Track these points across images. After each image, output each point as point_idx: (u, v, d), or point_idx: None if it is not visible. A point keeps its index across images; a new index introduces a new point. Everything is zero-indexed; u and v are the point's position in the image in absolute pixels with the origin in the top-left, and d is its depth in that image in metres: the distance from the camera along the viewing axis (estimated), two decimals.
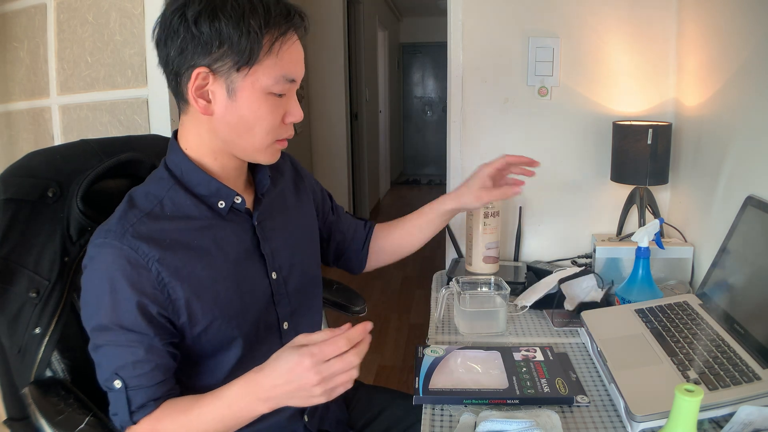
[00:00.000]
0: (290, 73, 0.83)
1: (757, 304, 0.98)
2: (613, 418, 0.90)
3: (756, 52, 1.16)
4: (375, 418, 1.13)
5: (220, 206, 0.89)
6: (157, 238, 0.82)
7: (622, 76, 1.60)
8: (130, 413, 0.80)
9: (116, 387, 0.80)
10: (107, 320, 0.79)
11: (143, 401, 0.80)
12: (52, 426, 0.85)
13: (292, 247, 1.00)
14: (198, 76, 0.80)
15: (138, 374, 0.80)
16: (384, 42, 6.65)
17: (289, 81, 0.84)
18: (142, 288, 0.80)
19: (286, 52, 0.82)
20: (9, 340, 0.93)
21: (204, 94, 0.82)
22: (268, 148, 0.87)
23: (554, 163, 1.67)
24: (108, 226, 0.82)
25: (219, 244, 0.88)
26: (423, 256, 4.54)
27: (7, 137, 1.99)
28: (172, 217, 0.85)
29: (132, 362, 0.80)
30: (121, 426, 0.81)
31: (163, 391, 0.82)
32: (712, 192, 1.34)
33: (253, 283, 0.92)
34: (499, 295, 1.23)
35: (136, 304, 0.79)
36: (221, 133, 0.85)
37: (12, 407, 0.96)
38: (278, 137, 0.87)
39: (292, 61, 0.84)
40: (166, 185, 0.88)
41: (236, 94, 0.81)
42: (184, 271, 0.83)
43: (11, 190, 0.94)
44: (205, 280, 0.86)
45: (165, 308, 0.82)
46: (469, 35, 1.63)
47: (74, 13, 1.76)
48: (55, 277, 0.94)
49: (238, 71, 0.80)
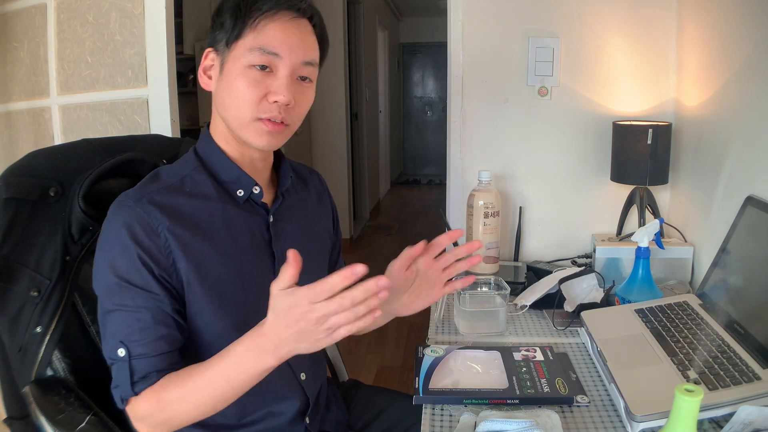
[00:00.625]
0: (267, 44, 0.84)
1: (757, 304, 0.98)
2: (613, 418, 0.90)
3: (756, 52, 1.16)
4: (375, 419, 1.13)
5: (238, 194, 0.91)
6: (171, 209, 0.85)
7: (622, 76, 1.60)
8: (132, 383, 0.79)
9: (120, 356, 0.79)
10: (117, 277, 0.81)
11: (146, 371, 0.80)
12: (53, 425, 0.85)
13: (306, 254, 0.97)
14: (207, 56, 0.90)
15: (143, 342, 0.80)
16: (384, 42, 6.65)
17: (266, 53, 0.84)
18: (150, 250, 0.82)
19: (269, 26, 0.85)
20: (10, 339, 0.93)
21: (209, 73, 0.91)
22: (249, 125, 0.87)
23: (554, 163, 1.67)
24: (127, 191, 0.86)
25: (230, 230, 0.89)
26: None
27: (7, 137, 1.99)
28: (190, 194, 0.88)
29: (138, 329, 0.80)
30: (121, 398, 0.80)
31: (167, 363, 0.81)
32: (712, 192, 1.34)
33: (257, 277, 0.91)
34: (499, 295, 1.23)
35: (143, 262, 0.81)
36: (218, 109, 0.90)
37: (12, 406, 0.96)
38: (259, 115, 0.86)
39: (276, 36, 0.85)
40: (191, 165, 0.92)
41: (224, 67, 0.87)
42: (191, 247, 0.85)
43: (12, 190, 0.94)
44: (209, 261, 0.86)
45: (170, 275, 0.84)
46: (469, 35, 1.63)
47: (74, 13, 1.76)
48: (56, 277, 0.94)
49: (228, 47, 0.86)
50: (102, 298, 0.83)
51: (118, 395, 0.81)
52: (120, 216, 0.83)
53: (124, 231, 0.82)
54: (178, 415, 0.80)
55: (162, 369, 0.81)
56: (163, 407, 0.79)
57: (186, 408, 0.79)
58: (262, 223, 0.94)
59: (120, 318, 0.81)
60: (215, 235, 0.88)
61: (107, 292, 0.82)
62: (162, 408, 0.79)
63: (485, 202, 1.45)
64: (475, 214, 1.46)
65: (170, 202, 0.86)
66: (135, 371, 0.80)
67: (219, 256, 0.88)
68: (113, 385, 0.81)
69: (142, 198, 0.84)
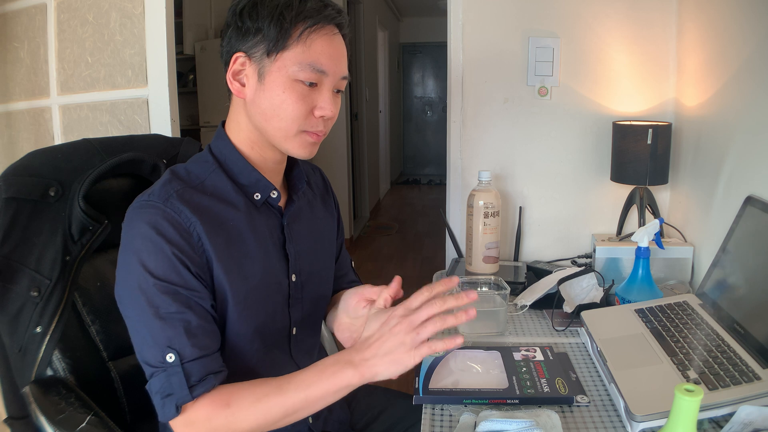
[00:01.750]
0: (317, 62, 0.84)
1: (756, 304, 0.98)
2: (613, 418, 0.90)
3: (756, 52, 1.17)
4: (376, 419, 1.13)
5: (256, 198, 0.91)
6: (201, 208, 0.84)
7: (622, 76, 1.60)
8: (190, 388, 0.75)
9: (169, 361, 0.75)
10: (154, 278, 0.77)
11: (203, 374, 0.77)
12: (53, 425, 0.85)
13: (313, 254, 1.00)
14: (236, 60, 0.86)
15: (193, 343, 0.77)
16: (384, 42, 6.65)
17: (316, 71, 0.84)
18: (183, 248, 0.80)
19: (317, 42, 0.84)
20: (10, 338, 0.93)
21: (240, 78, 0.87)
22: (295, 137, 0.87)
23: (554, 163, 1.67)
24: (150, 191, 0.84)
25: (253, 232, 0.89)
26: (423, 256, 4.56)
27: (7, 137, 1.99)
28: (213, 195, 0.87)
29: (184, 329, 0.77)
30: (177, 406, 0.75)
31: (219, 364, 0.79)
32: (712, 192, 1.34)
33: (277, 278, 0.93)
34: (499, 295, 1.23)
35: (179, 260, 0.79)
36: (254, 118, 0.88)
37: (12, 406, 0.96)
38: (305, 128, 0.87)
39: (323, 52, 0.84)
40: (210, 168, 0.90)
41: (265, 78, 0.84)
42: (220, 246, 0.84)
43: (13, 189, 0.94)
44: (237, 261, 0.86)
45: (203, 271, 0.82)
46: (469, 35, 1.63)
47: (74, 13, 1.76)
48: (56, 276, 0.94)
49: (269, 56, 0.83)
50: (134, 304, 0.78)
51: (173, 403, 0.75)
52: (147, 216, 0.80)
53: (152, 231, 0.79)
54: (241, 424, 0.76)
55: (216, 371, 0.79)
56: (230, 412, 0.76)
57: (252, 415, 0.76)
58: (276, 225, 0.94)
59: (161, 322, 0.77)
60: (240, 236, 0.88)
61: (141, 294, 0.78)
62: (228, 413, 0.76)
63: (485, 202, 1.45)
64: (475, 214, 1.46)
65: (198, 201, 0.85)
66: (191, 375, 0.76)
67: (245, 258, 0.87)
68: (163, 395, 0.76)
69: (169, 197, 0.82)
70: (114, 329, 1.00)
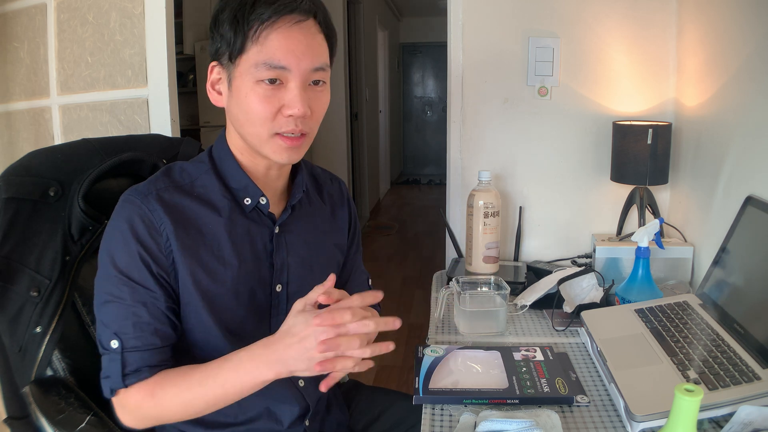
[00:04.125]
0: (274, 58, 0.81)
1: (756, 304, 0.98)
2: (613, 418, 0.90)
3: (756, 53, 1.16)
4: (376, 420, 1.13)
5: (246, 203, 0.91)
6: (176, 209, 0.86)
7: (622, 76, 1.60)
8: (123, 375, 0.81)
9: (113, 347, 0.81)
10: (117, 270, 0.82)
11: (138, 366, 0.81)
12: (53, 425, 0.86)
13: (307, 267, 0.98)
14: (212, 70, 0.88)
15: (137, 335, 0.81)
16: (384, 42, 6.65)
17: (273, 67, 0.81)
18: (149, 248, 0.83)
19: (271, 38, 0.81)
20: (10, 339, 0.93)
21: (218, 88, 0.89)
22: (269, 141, 0.85)
23: (554, 163, 1.67)
24: (137, 185, 0.87)
25: (232, 238, 0.89)
26: (423, 256, 4.56)
27: (7, 137, 1.99)
28: (198, 197, 0.88)
29: (133, 323, 0.81)
30: (111, 389, 0.82)
31: (159, 359, 0.83)
32: (712, 192, 1.34)
33: (253, 287, 0.92)
34: (499, 295, 1.23)
35: (142, 259, 0.82)
36: (234, 126, 0.89)
37: (12, 406, 0.96)
38: (276, 130, 0.84)
39: (280, 47, 0.81)
40: (203, 168, 0.91)
41: (232, 83, 0.85)
42: (190, 249, 0.86)
43: (12, 189, 0.94)
44: (206, 265, 0.87)
45: (167, 274, 0.85)
46: (469, 35, 1.63)
47: (74, 13, 1.76)
48: (56, 277, 0.94)
49: (232, 62, 0.83)
50: (99, 288, 0.84)
51: (108, 386, 0.82)
52: (125, 210, 0.84)
53: (126, 226, 0.83)
54: (167, 412, 0.82)
55: (153, 365, 0.82)
56: (155, 402, 0.81)
57: (176, 406, 0.81)
58: (266, 233, 0.93)
59: (115, 310, 0.82)
60: (215, 241, 0.88)
61: (105, 282, 0.83)
62: (154, 403, 0.81)
63: (485, 202, 1.45)
64: (475, 214, 1.46)
65: (176, 202, 0.86)
66: (127, 364, 0.81)
67: (215, 262, 0.88)
68: (103, 375, 0.82)
69: (149, 195, 0.85)
70: None
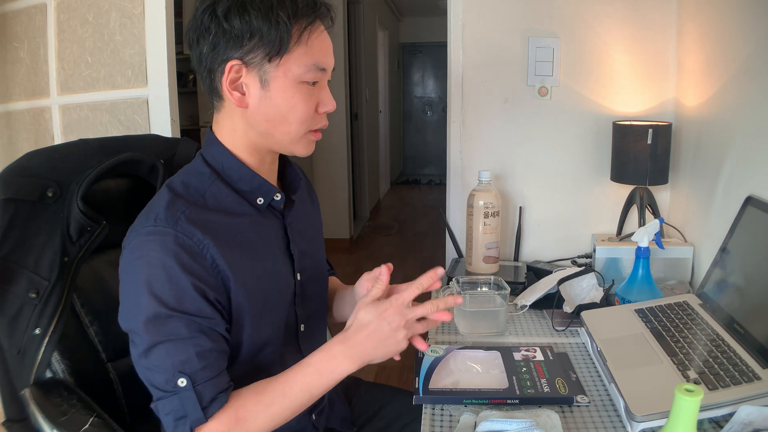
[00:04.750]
0: (320, 61, 0.84)
1: (757, 304, 0.98)
2: (613, 418, 0.90)
3: (756, 52, 1.16)
4: (376, 414, 1.13)
5: (258, 202, 0.90)
6: (209, 226, 0.82)
7: (622, 76, 1.60)
8: (203, 409, 0.76)
9: (181, 386, 0.76)
10: (167, 309, 0.76)
11: (214, 394, 0.78)
12: (55, 427, 0.85)
13: (314, 252, 1.02)
14: (231, 69, 0.81)
15: (204, 366, 0.77)
16: (384, 42, 6.64)
17: (319, 70, 0.84)
18: (200, 274, 0.79)
19: (315, 41, 0.83)
20: (8, 340, 0.93)
21: (238, 87, 0.83)
22: (303, 138, 0.87)
23: (554, 163, 1.67)
24: (154, 215, 0.79)
25: (260, 238, 0.90)
26: (423, 256, 4.56)
27: (7, 137, 1.98)
28: (217, 209, 0.85)
29: (196, 353, 0.77)
30: (191, 427, 0.77)
31: (226, 380, 0.80)
32: (712, 192, 1.34)
33: (286, 280, 0.94)
34: (499, 295, 1.23)
35: (196, 288, 0.78)
36: (258, 126, 0.86)
37: (10, 408, 0.96)
38: (312, 127, 0.87)
39: (322, 50, 0.84)
40: (208, 180, 0.87)
41: (269, 84, 0.82)
42: (234, 262, 0.83)
43: (11, 190, 0.94)
44: (250, 273, 0.86)
45: (220, 294, 0.82)
46: (469, 35, 1.63)
47: (74, 13, 1.76)
48: (54, 278, 0.94)
49: (270, 62, 0.81)
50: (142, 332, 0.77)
51: (186, 425, 0.76)
52: (158, 244, 0.78)
53: (168, 260, 0.77)
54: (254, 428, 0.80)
55: (224, 388, 0.79)
56: (243, 425, 0.79)
57: (264, 422, 0.80)
58: (279, 227, 0.94)
59: (172, 348, 0.77)
60: (250, 247, 0.87)
61: (153, 324, 0.77)
62: (241, 426, 0.79)
63: (485, 202, 1.45)
64: (475, 214, 1.46)
65: (205, 219, 0.82)
66: (203, 397, 0.77)
67: (256, 267, 0.87)
68: (176, 416, 0.76)
69: (178, 220, 0.79)
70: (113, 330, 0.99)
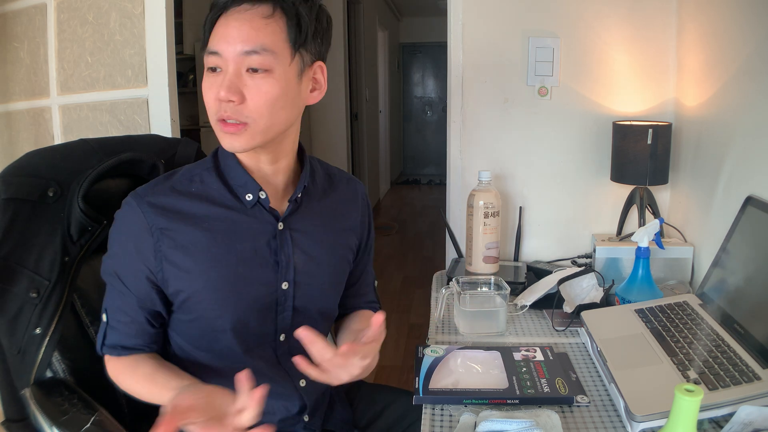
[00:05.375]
0: (211, 47, 0.84)
1: (757, 304, 0.98)
2: (613, 418, 0.90)
3: (756, 53, 1.16)
4: (378, 416, 1.13)
5: (247, 198, 0.91)
6: (171, 210, 0.88)
7: (622, 76, 1.60)
8: (101, 344, 0.91)
9: (103, 320, 0.91)
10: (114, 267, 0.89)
11: (113, 343, 0.90)
12: (56, 427, 0.85)
13: (314, 265, 0.96)
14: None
15: (117, 319, 0.89)
16: (384, 42, 6.65)
17: (210, 54, 0.84)
18: (142, 250, 0.87)
19: (217, 26, 0.85)
20: (9, 340, 0.93)
21: None
22: (215, 128, 0.86)
23: (554, 163, 1.67)
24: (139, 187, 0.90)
25: (232, 235, 0.90)
26: (423, 256, 4.56)
27: (7, 137, 1.99)
28: (196, 194, 0.90)
29: (118, 306, 0.89)
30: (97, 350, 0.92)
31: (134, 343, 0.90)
32: (712, 192, 1.34)
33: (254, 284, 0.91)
34: (499, 295, 1.23)
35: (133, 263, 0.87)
36: None
37: (11, 408, 0.96)
38: (217, 117, 0.84)
39: (217, 35, 0.84)
40: (205, 166, 0.93)
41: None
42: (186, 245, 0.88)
43: (11, 190, 0.94)
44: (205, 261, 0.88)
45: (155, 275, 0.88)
46: (469, 35, 1.63)
47: (74, 13, 1.76)
48: (55, 278, 0.94)
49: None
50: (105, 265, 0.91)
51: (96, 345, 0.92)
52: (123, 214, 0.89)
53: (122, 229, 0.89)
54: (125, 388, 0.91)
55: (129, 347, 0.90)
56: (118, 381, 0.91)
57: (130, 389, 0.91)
58: (269, 230, 0.92)
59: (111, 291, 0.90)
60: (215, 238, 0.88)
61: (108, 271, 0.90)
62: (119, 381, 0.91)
63: (485, 202, 1.45)
64: (475, 214, 1.46)
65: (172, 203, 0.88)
66: (107, 336, 0.90)
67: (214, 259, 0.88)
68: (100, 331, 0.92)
69: (144, 197, 0.88)
70: None
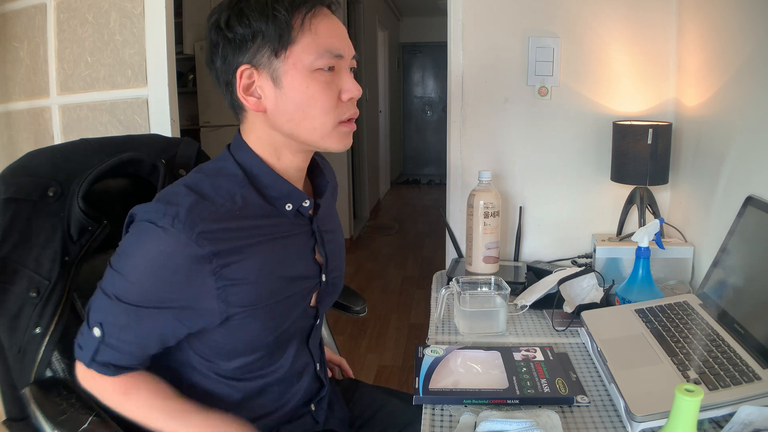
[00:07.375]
0: (330, 45, 0.81)
1: (757, 304, 0.98)
2: (613, 418, 0.90)
3: (756, 52, 1.16)
4: (374, 416, 1.13)
5: (287, 208, 0.87)
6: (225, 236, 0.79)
7: (622, 76, 1.60)
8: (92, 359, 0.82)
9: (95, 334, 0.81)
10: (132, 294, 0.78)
11: (106, 360, 0.82)
12: (55, 426, 0.85)
13: (338, 252, 1.01)
14: (242, 74, 0.81)
15: (120, 339, 0.80)
16: (384, 42, 6.64)
17: (333, 55, 0.81)
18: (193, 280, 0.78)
19: (321, 26, 0.80)
20: (9, 339, 0.93)
21: (253, 92, 0.82)
22: (333, 131, 0.84)
23: (554, 163, 1.67)
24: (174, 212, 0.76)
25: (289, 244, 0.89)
26: (423, 256, 4.56)
27: (7, 137, 1.99)
28: (243, 216, 0.82)
29: (121, 326, 0.80)
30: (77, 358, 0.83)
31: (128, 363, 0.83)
32: (712, 192, 1.34)
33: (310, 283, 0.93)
34: (499, 295, 1.23)
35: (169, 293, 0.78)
36: (281, 127, 0.84)
37: (11, 407, 0.96)
38: (340, 118, 0.83)
39: (331, 34, 0.81)
40: (240, 182, 0.84)
41: (281, 80, 0.80)
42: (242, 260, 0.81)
43: (12, 190, 0.94)
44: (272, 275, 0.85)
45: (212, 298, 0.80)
46: (469, 35, 1.63)
47: (74, 13, 1.76)
48: (55, 277, 0.94)
49: (277, 57, 0.79)
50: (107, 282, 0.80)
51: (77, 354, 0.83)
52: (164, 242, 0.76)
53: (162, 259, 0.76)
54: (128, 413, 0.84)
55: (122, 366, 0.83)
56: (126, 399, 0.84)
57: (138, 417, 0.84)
58: (308, 232, 0.92)
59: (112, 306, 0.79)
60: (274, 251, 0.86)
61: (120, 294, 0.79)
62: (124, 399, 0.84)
63: (485, 202, 1.45)
64: (475, 214, 1.46)
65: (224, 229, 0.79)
66: (99, 352, 0.81)
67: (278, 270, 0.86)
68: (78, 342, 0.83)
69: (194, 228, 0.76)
70: None
